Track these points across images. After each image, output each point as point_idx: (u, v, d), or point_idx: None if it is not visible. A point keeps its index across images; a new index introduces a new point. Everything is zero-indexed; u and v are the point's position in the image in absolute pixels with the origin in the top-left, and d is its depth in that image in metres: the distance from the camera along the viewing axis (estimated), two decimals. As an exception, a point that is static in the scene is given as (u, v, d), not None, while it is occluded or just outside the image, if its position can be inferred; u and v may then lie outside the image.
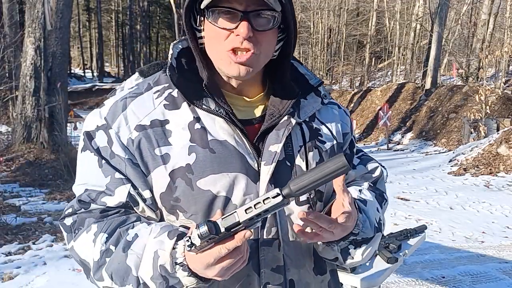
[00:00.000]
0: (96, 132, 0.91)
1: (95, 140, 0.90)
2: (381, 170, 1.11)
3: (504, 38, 18.75)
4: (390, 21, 25.87)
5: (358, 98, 18.17)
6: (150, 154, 0.88)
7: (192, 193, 0.87)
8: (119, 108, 0.91)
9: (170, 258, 0.79)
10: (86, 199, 0.90)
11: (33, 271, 3.55)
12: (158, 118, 0.90)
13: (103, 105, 0.94)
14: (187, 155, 0.87)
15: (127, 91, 0.95)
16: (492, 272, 3.71)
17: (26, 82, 7.44)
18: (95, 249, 0.86)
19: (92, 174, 0.90)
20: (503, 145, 8.22)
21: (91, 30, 48.29)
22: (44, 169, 6.81)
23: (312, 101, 0.99)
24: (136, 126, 0.89)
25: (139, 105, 0.91)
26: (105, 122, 0.90)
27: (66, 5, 7.58)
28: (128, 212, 0.90)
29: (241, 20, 0.84)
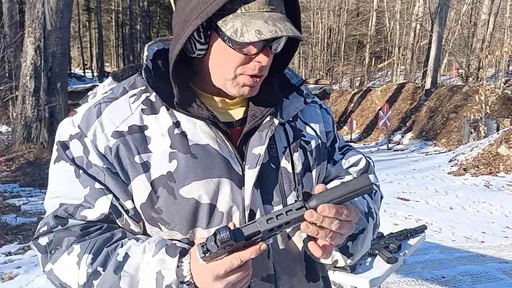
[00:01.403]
0: (70, 142, 0.85)
1: (70, 150, 0.84)
2: (367, 161, 1.05)
3: (504, 38, 18.76)
4: (390, 21, 25.88)
5: (358, 98, 18.17)
6: (129, 162, 0.82)
7: (174, 202, 0.82)
8: (93, 114, 0.85)
9: (177, 278, 0.75)
10: (63, 215, 0.82)
11: (33, 271, 3.55)
12: (136, 123, 0.84)
13: (75, 113, 0.88)
14: (168, 162, 0.82)
15: (100, 96, 0.89)
16: (492, 272, 3.71)
17: (26, 82, 7.44)
18: (80, 272, 0.79)
19: (69, 186, 0.83)
20: (503, 145, 8.22)
21: (91, 30, 48.29)
22: (44, 169, 6.81)
23: (294, 101, 0.96)
24: (113, 132, 0.83)
25: (115, 110, 0.85)
26: (78, 131, 0.84)
27: (66, 5, 7.58)
28: (111, 227, 0.83)
29: (263, 48, 0.81)
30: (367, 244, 0.94)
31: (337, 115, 18.52)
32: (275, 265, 0.88)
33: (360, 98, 18.09)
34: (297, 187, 0.90)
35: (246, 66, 0.82)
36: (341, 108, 18.70)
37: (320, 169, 0.97)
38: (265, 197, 0.87)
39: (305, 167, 0.93)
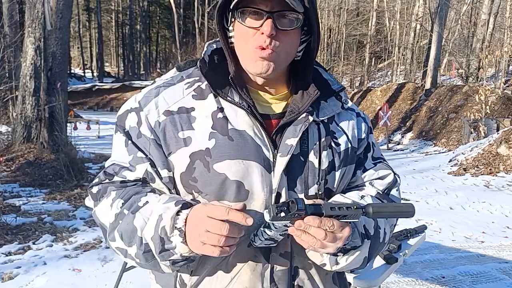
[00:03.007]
0: (129, 114, 1.01)
1: (126, 121, 1.00)
2: (394, 177, 1.12)
3: (504, 38, 18.77)
4: (390, 21, 25.88)
5: (358, 98, 18.17)
6: (174, 137, 0.96)
7: (208, 174, 0.93)
8: (152, 94, 1.01)
9: (171, 221, 0.86)
10: (111, 171, 1.00)
11: (33, 271, 3.55)
12: (185, 105, 0.98)
13: (140, 91, 1.05)
14: (207, 140, 0.95)
15: (162, 81, 1.05)
16: (492, 272, 3.71)
17: (26, 82, 7.44)
18: (111, 212, 0.95)
19: (119, 152, 1.01)
20: (503, 145, 8.22)
21: (91, 30, 48.29)
22: (44, 169, 6.81)
23: (332, 104, 1.05)
24: (165, 111, 0.98)
25: (170, 93, 1.01)
26: (138, 105, 1.00)
27: (66, 5, 7.58)
28: (144, 185, 0.98)
29: (265, 19, 0.91)
30: (357, 260, 0.99)
31: (337, 115, 18.51)
32: (292, 245, 0.97)
33: (360, 98, 18.09)
34: (320, 182, 0.99)
35: (256, 39, 0.93)
36: (341, 108, 18.69)
37: (346, 171, 1.05)
38: (290, 183, 0.97)
39: (331, 166, 1.02)
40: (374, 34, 26.34)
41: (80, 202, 5.49)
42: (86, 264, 3.67)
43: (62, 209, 5.22)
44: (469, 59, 17.62)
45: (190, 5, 37.60)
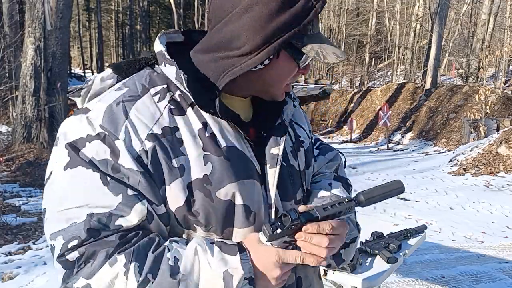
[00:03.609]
0: (87, 143, 0.77)
1: (85, 152, 0.77)
2: (340, 156, 1.13)
3: (504, 38, 18.77)
4: (390, 21, 25.87)
5: (358, 98, 18.17)
6: (167, 166, 0.79)
7: (211, 204, 0.82)
8: (118, 114, 0.79)
9: (243, 273, 0.78)
10: (97, 226, 0.75)
11: (33, 271, 3.55)
12: (167, 125, 0.82)
13: (85, 110, 0.81)
14: (203, 165, 0.82)
15: (116, 93, 0.83)
16: (492, 272, 3.71)
17: (26, 82, 7.44)
18: (129, 282, 0.74)
19: (95, 194, 0.76)
20: (503, 145, 8.22)
21: (91, 30, 48.30)
22: (44, 169, 6.81)
23: (288, 103, 0.99)
24: (148, 135, 0.79)
25: (143, 110, 0.81)
26: (101, 131, 0.78)
27: (66, 5, 7.58)
28: (146, 232, 0.79)
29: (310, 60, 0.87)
30: (353, 252, 1.02)
31: (337, 115, 18.52)
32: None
33: (360, 98, 18.09)
34: (303, 183, 0.97)
35: (295, 76, 0.89)
36: (341, 108, 18.70)
37: (313, 166, 1.05)
38: (281, 193, 0.91)
39: (306, 165, 1.00)
40: (374, 34, 26.34)
41: (80, 202, 5.49)
42: (86, 264, 3.67)
43: (62, 209, 5.22)
44: (469, 59, 17.63)
45: (190, 5, 37.61)
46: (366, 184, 7.22)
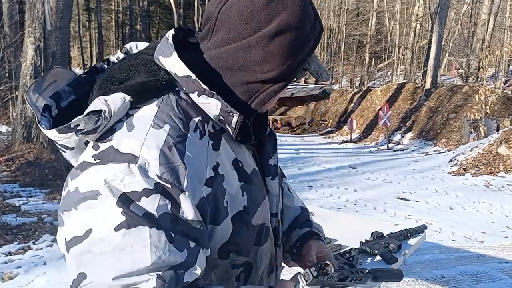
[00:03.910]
0: (143, 198, 0.67)
1: (144, 209, 0.67)
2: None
3: (504, 38, 18.77)
4: (390, 21, 25.87)
5: (358, 98, 18.17)
6: (220, 208, 0.76)
7: (248, 232, 0.81)
8: (176, 161, 0.70)
9: None
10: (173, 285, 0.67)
11: (33, 271, 3.55)
12: (214, 164, 0.76)
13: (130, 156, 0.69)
14: (242, 197, 0.80)
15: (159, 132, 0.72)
16: (492, 272, 3.71)
17: (26, 82, 7.44)
18: None
19: (161, 254, 0.67)
20: (503, 145, 8.22)
21: (91, 30, 48.28)
22: (44, 169, 6.81)
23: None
24: (206, 181, 0.73)
25: (195, 153, 0.73)
26: (161, 182, 0.68)
27: (66, 5, 7.58)
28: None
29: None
30: None
31: (337, 115, 18.52)
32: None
33: (360, 98, 18.08)
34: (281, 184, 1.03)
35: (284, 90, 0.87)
36: (341, 108, 18.70)
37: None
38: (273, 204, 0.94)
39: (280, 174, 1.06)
40: (374, 34, 26.34)
41: (80, 202, 5.49)
42: (86, 264, 3.67)
43: (62, 209, 5.22)
44: (469, 59, 17.63)
45: (190, 5, 37.60)
46: (366, 184, 7.23)
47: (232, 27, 0.77)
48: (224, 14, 0.77)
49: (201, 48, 0.81)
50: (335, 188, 6.90)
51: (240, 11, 0.76)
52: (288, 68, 0.79)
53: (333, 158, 10.42)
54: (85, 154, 0.73)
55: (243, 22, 0.76)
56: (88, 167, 0.70)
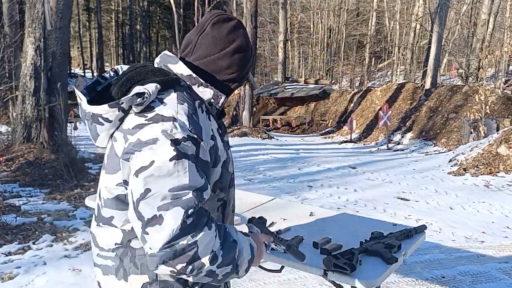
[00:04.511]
0: (183, 142, 1.09)
1: (184, 149, 1.09)
2: None
3: (504, 38, 18.77)
4: (390, 21, 25.86)
5: (358, 98, 18.16)
6: (217, 156, 1.22)
7: (228, 176, 1.30)
8: (196, 123, 1.15)
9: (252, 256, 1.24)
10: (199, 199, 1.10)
11: (33, 271, 3.55)
12: (211, 128, 1.21)
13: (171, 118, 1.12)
14: (224, 151, 1.27)
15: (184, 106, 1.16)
16: (492, 272, 3.71)
17: (26, 82, 7.43)
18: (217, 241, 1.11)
19: (194, 177, 1.09)
20: (503, 145, 8.22)
21: (91, 30, 48.26)
22: (44, 169, 6.81)
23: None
24: (211, 137, 1.19)
25: (202, 119, 1.19)
26: (192, 134, 1.11)
27: (66, 5, 7.58)
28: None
29: None
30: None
31: (337, 115, 18.51)
32: None
33: (360, 98, 18.08)
34: None
35: None
36: (341, 108, 18.70)
37: None
38: None
39: None
40: (374, 34, 26.33)
41: (80, 202, 5.48)
42: (86, 264, 3.67)
43: (62, 209, 5.21)
44: (469, 59, 17.63)
45: (190, 5, 37.56)
46: (366, 184, 7.23)
47: (207, 47, 1.26)
48: (201, 39, 1.27)
49: (187, 60, 1.28)
50: (335, 188, 6.90)
51: (212, 38, 1.26)
52: (241, 74, 1.31)
53: (333, 158, 10.42)
54: (134, 121, 1.14)
55: (214, 44, 1.26)
56: (144, 126, 1.11)
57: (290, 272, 3.53)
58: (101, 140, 1.22)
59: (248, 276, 3.50)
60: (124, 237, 1.20)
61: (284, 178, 7.72)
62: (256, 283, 3.40)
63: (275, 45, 26.64)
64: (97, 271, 1.27)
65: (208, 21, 1.28)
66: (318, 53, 27.02)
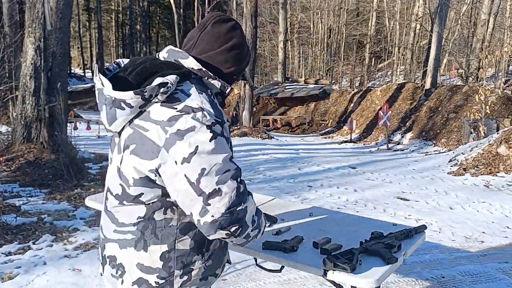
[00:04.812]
0: (214, 126, 1.29)
1: (216, 130, 1.28)
2: None
3: (504, 38, 18.77)
4: (390, 21, 25.86)
5: (358, 98, 18.16)
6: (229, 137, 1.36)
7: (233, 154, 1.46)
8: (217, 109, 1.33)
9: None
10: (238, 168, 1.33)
11: (33, 271, 3.55)
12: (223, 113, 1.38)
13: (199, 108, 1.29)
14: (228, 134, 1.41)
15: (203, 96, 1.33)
16: (492, 272, 3.71)
17: (26, 82, 7.43)
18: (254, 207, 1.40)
19: (228, 150, 1.31)
20: (503, 145, 8.22)
21: (91, 30, 48.26)
22: (44, 169, 6.81)
23: None
24: (226, 121, 1.35)
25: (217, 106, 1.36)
26: (217, 119, 1.30)
27: (66, 5, 7.58)
28: None
29: None
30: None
31: (337, 115, 18.52)
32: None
33: (360, 98, 18.08)
34: None
35: None
36: (341, 108, 18.70)
37: None
38: None
39: None
40: (374, 34, 26.33)
41: (80, 202, 5.48)
42: (86, 264, 3.67)
43: (62, 209, 5.21)
44: (469, 59, 17.63)
45: (190, 5, 37.57)
46: (366, 184, 7.23)
47: (208, 43, 1.43)
48: (202, 36, 1.43)
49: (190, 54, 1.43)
50: (335, 188, 6.91)
51: (213, 35, 1.43)
52: (237, 69, 1.48)
53: (333, 158, 10.42)
54: (167, 113, 1.28)
55: (214, 40, 1.43)
56: (178, 117, 1.27)
57: (290, 272, 3.53)
58: (117, 124, 1.32)
59: (248, 276, 3.50)
60: (147, 210, 1.35)
61: (284, 178, 7.72)
62: (256, 283, 3.40)
63: (275, 45, 26.65)
64: (110, 246, 1.41)
65: (210, 20, 1.44)
66: (318, 53, 27.02)
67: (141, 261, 1.37)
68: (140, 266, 1.37)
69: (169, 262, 1.37)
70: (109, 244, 1.42)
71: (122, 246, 1.38)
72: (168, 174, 1.27)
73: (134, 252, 1.36)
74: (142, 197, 1.34)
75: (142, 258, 1.36)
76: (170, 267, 1.37)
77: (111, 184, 1.41)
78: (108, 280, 1.45)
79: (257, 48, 18.76)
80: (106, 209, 1.43)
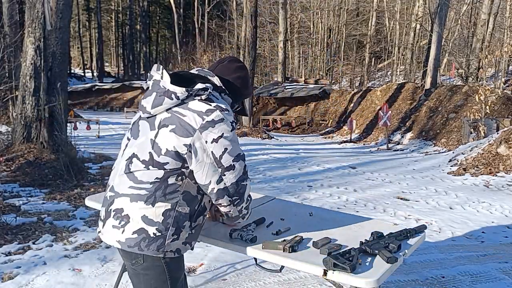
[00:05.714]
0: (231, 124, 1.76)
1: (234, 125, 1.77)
2: None
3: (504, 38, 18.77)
4: (390, 21, 25.86)
5: (358, 98, 18.16)
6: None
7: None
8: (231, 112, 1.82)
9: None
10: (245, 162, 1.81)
11: (33, 271, 3.55)
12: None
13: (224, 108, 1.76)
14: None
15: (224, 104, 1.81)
16: (492, 272, 3.71)
17: (26, 82, 7.43)
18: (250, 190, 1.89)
19: (238, 141, 1.78)
20: (502, 145, 8.22)
21: (91, 30, 48.25)
22: (44, 169, 6.80)
23: None
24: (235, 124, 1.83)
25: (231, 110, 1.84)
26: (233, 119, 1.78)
27: (66, 5, 7.58)
28: None
29: None
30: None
31: (337, 115, 18.52)
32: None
33: (360, 98, 18.08)
34: None
35: None
36: (341, 108, 18.70)
37: None
38: None
39: None
40: (374, 34, 26.33)
41: (80, 202, 5.48)
42: (86, 264, 3.67)
43: (62, 209, 5.21)
44: (469, 59, 17.63)
45: (190, 5, 37.57)
46: (366, 184, 7.23)
47: (222, 72, 1.94)
48: (219, 67, 1.97)
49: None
50: (335, 188, 6.91)
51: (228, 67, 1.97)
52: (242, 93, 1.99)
53: (333, 158, 10.42)
54: (204, 106, 1.74)
55: (227, 69, 1.96)
56: (213, 111, 1.72)
57: (290, 272, 3.53)
58: (160, 108, 1.73)
59: (248, 276, 3.50)
60: (165, 174, 1.69)
61: (284, 178, 7.72)
62: (256, 283, 3.40)
63: (275, 45, 26.65)
64: (120, 200, 1.73)
65: (227, 58, 2.01)
66: (318, 53, 27.03)
67: (146, 214, 1.69)
68: (144, 218, 1.69)
69: (168, 219, 1.70)
70: (119, 199, 1.74)
71: (133, 200, 1.70)
72: (199, 149, 1.68)
73: (143, 205, 1.69)
74: (167, 165, 1.69)
75: (148, 211, 1.69)
76: (167, 223, 1.70)
77: (139, 152, 1.74)
78: (107, 232, 1.76)
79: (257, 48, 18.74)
80: (126, 172, 1.75)
